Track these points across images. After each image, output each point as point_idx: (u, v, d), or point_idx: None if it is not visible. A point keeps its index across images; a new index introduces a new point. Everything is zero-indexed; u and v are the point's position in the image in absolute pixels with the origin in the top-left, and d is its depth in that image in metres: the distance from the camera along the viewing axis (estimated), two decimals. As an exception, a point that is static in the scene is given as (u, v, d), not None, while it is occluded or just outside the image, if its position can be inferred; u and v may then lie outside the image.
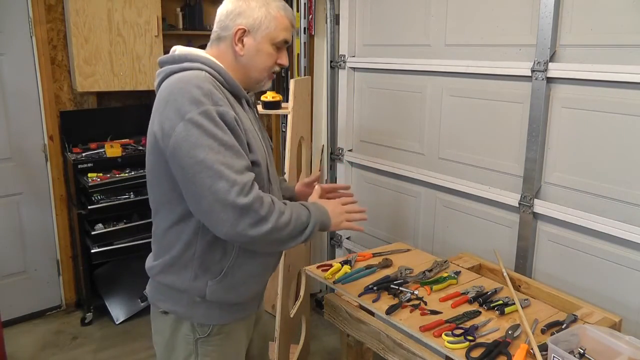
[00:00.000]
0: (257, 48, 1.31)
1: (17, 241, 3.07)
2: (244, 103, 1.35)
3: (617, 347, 1.36)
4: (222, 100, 1.20)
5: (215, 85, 1.22)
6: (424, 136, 2.51)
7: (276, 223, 1.19)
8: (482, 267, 2.03)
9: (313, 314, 3.04)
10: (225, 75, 1.28)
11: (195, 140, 1.14)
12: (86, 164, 2.94)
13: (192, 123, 1.15)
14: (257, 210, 1.16)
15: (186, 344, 1.35)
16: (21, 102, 2.96)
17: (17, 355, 2.79)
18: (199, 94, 1.17)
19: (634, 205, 1.74)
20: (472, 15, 2.20)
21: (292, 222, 1.24)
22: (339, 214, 1.41)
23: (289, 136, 2.26)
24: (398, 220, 2.73)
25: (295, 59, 3.08)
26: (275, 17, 1.31)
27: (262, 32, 1.31)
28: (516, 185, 2.08)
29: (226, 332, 1.38)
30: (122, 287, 3.21)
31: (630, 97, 1.71)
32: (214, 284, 1.30)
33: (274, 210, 1.20)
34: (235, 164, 1.16)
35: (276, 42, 1.33)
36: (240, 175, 1.16)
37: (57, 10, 3.02)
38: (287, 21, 1.34)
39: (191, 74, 1.22)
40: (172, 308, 1.34)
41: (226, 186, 1.13)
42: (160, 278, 1.34)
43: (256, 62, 1.33)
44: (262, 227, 1.17)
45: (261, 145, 1.34)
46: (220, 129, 1.17)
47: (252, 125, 1.33)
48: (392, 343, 1.60)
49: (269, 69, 1.36)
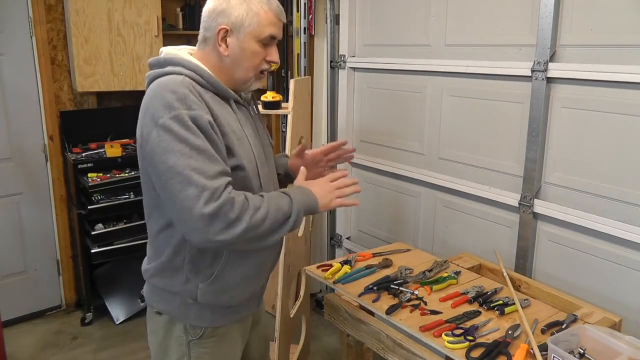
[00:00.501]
0: (241, 47, 1.26)
1: (17, 241, 3.06)
2: (232, 104, 1.31)
3: (617, 347, 1.36)
4: (197, 104, 1.17)
5: (193, 89, 1.19)
6: (424, 136, 2.50)
7: (250, 221, 1.15)
8: (482, 267, 2.03)
9: (313, 314, 3.04)
10: (207, 78, 1.25)
11: (167, 145, 1.13)
12: (86, 164, 2.94)
13: (164, 128, 1.13)
14: (226, 213, 1.12)
15: (179, 345, 1.34)
16: (21, 102, 2.96)
17: (17, 355, 2.79)
18: (173, 98, 1.15)
19: (634, 205, 1.74)
20: (472, 15, 2.20)
21: (269, 216, 1.19)
22: (327, 193, 1.32)
23: (289, 136, 2.26)
24: (398, 220, 2.73)
25: (295, 59, 3.08)
26: (257, 13, 1.25)
27: (245, 30, 1.25)
28: (516, 185, 2.08)
29: (220, 334, 1.36)
30: (122, 287, 3.21)
31: (630, 97, 1.71)
32: (204, 286, 1.29)
33: (247, 209, 1.15)
34: (207, 169, 1.13)
35: (261, 39, 1.27)
36: (211, 180, 1.12)
37: (57, 10, 3.02)
38: (271, 15, 1.27)
39: (169, 79, 1.21)
40: (165, 309, 1.34)
41: (195, 192, 1.11)
42: (154, 281, 1.35)
43: (241, 61, 1.28)
44: (235, 229, 1.13)
45: (249, 147, 1.30)
46: (193, 133, 1.14)
47: (240, 126, 1.30)
48: (392, 343, 1.60)
49: (256, 68, 1.30)
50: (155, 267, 1.33)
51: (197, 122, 1.15)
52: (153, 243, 1.34)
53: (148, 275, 1.36)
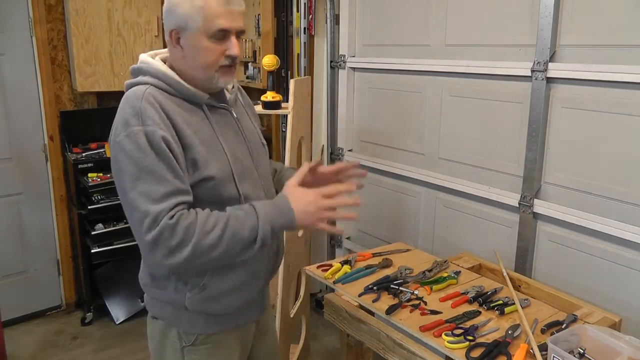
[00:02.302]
0: (193, 46, 1.19)
1: (17, 241, 3.07)
2: (205, 109, 1.25)
3: (617, 347, 1.36)
4: (153, 119, 1.13)
5: (154, 101, 1.16)
6: (424, 136, 2.50)
7: (196, 247, 1.10)
8: (482, 267, 2.03)
9: (313, 314, 3.04)
10: (174, 85, 1.21)
11: (120, 165, 1.14)
12: (86, 164, 2.95)
13: (119, 146, 1.14)
14: (166, 240, 1.09)
15: (174, 351, 1.33)
16: (21, 102, 2.97)
17: (17, 355, 2.79)
18: (130, 114, 1.14)
19: (634, 205, 1.74)
20: (472, 15, 2.20)
21: (224, 241, 1.12)
22: (311, 214, 1.21)
23: (289, 136, 2.26)
24: (398, 220, 2.73)
25: (295, 59, 3.08)
26: (201, 8, 1.16)
27: (192, 28, 1.17)
28: (516, 185, 2.08)
29: (214, 341, 1.34)
30: (122, 287, 3.21)
31: (630, 97, 1.71)
32: (192, 295, 1.26)
33: (192, 234, 1.10)
34: (153, 191, 1.10)
35: (212, 34, 1.18)
36: (155, 204, 1.09)
37: (57, 10, 3.02)
38: (217, 7, 1.16)
39: (133, 91, 1.19)
40: (160, 314, 1.34)
41: (138, 218, 1.10)
42: (147, 290, 1.35)
43: (197, 61, 1.21)
44: (180, 255, 1.10)
45: (222, 154, 1.24)
46: (142, 152, 1.11)
47: (213, 132, 1.24)
48: (392, 343, 1.60)
49: (215, 65, 1.21)
50: (146, 276, 1.33)
51: (150, 139, 1.12)
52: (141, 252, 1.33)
53: (142, 283, 1.36)
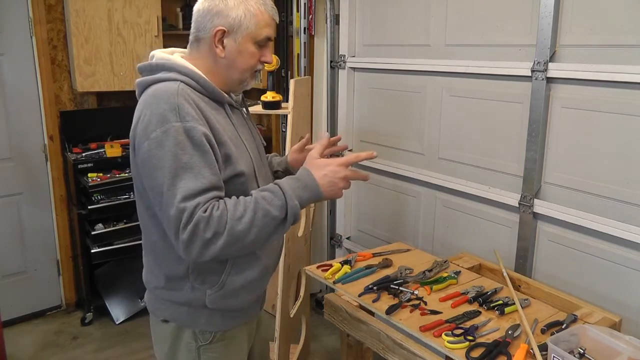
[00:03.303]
0: (239, 49, 1.24)
1: (17, 241, 3.06)
2: (227, 108, 1.29)
3: (617, 347, 1.36)
4: (192, 115, 1.14)
5: (188, 97, 1.17)
6: (424, 136, 2.50)
7: (230, 235, 1.11)
8: (482, 267, 2.03)
9: (313, 314, 3.04)
10: (203, 83, 1.23)
11: (156, 162, 1.12)
12: (86, 164, 2.95)
13: (155, 142, 1.12)
14: (201, 232, 1.09)
15: (188, 351, 1.33)
16: (21, 102, 2.96)
17: (17, 355, 2.79)
18: (166, 109, 1.13)
19: (634, 205, 1.74)
20: (472, 15, 2.20)
21: (255, 224, 1.13)
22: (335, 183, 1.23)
23: (289, 136, 2.26)
24: (398, 220, 2.73)
25: (295, 59, 3.08)
26: (255, 14, 1.23)
27: (242, 32, 1.23)
28: (516, 185, 2.08)
29: (229, 337, 1.36)
30: (122, 287, 3.21)
31: (630, 97, 1.71)
32: (212, 292, 1.27)
33: (225, 222, 1.10)
34: (191, 187, 1.10)
35: (259, 41, 1.25)
36: (190, 200, 1.09)
37: (57, 10, 3.02)
38: (268, 17, 1.25)
39: (163, 87, 1.18)
40: (172, 317, 1.32)
41: (175, 215, 1.10)
42: (159, 293, 1.33)
43: (238, 63, 1.26)
44: (215, 246, 1.10)
45: (246, 151, 1.28)
46: (181, 148, 1.11)
47: (236, 131, 1.28)
48: (392, 343, 1.60)
49: (252, 69, 1.28)
50: (158, 278, 1.31)
51: (190, 135, 1.12)
52: (151, 253, 1.32)
53: (152, 286, 1.34)
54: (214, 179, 1.14)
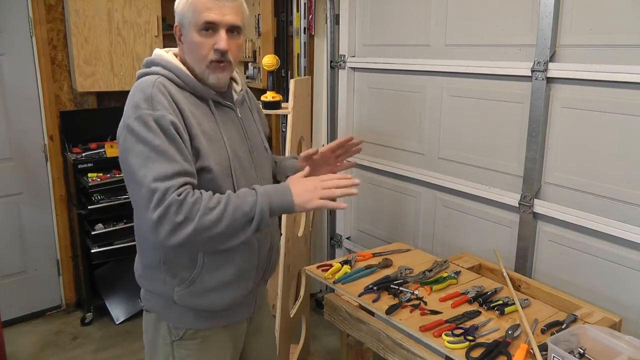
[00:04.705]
0: (188, 40, 1.26)
1: (17, 241, 3.06)
2: (211, 104, 1.29)
3: (617, 347, 1.36)
4: (163, 104, 1.17)
5: (164, 89, 1.20)
6: (424, 136, 2.51)
7: (200, 222, 1.12)
8: (482, 267, 2.03)
9: (313, 314, 3.04)
10: (184, 78, 1.26)
11: (129, 145, 1.17)
12: (86, 164, 2.94)
13: (129, 129, 1.17)
14: (172, 215, 1.11)
15: (164, 344, 1.34)
16: (21, 102, 2.96)
17: (17, 355, 2.79)
18: (141, 98, 1.18)
19: (634, 205, 1.74)
20: (472, 15, 2.20)
21: (226, 216, 1.14)
22: (308, 191, 1.21)
23: (289, 136, 2.26)
24: (398, 220, 2.73)
25: (295, 59, 3.08)
26: (192, 2, 1.23)
27: (187, 23, 1.25)
28: (516, 185, 2.08)
29: (203, 337, 1.34)
30: (122, 287, 3.21)
31: (630, 97, 1.71)
32: (181, 289, 1.27)
33: (197, 210, 1.12)
34: (162, 169, 1.13)
35: (200, 27, 1.23)
36: (162, 182, 1.12)
37: (57, 10, 3.02)
38: (205, 1, 1.22)
39: (144, 80, 1.23)
40: (151, 307, 1.36)
41: (146, 194, 1.12)
42: (140, 281, 1.37)
43: (191, 55, 1.27)
44: (184, 231, 1.12)
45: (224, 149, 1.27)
46: (153, 133, 1.15)
47: (217, 127, 1.28)
48: (392, 343, 1.60)
49: (204, 59, 1.25)
50: (139, 267, 1.36)
51: (159, 123, 1.16)
52: (138, 241, 1.36)
53: (137, 274, 1.38)
54: (185, 165, 1.17)
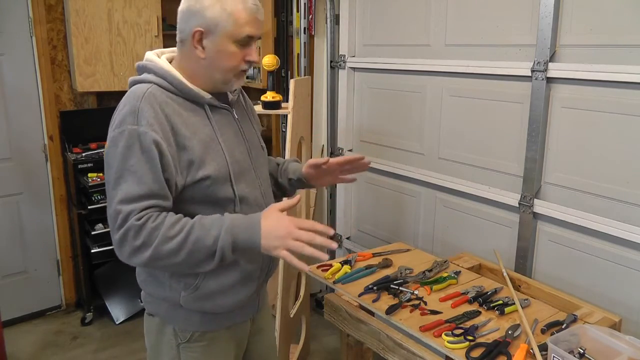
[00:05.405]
0: (218, 49, 1.22)
1: (17, 241, 3.07)
2: (206, 109, 1.28)
3: (617, 347, 1.36)
4: (147, 120, 1.15)
5: (154, 101, 1.18)
6: (424, 136, 2.50)
7: (156, 251, 1.12)
8: (482, 267, 2.03)
9: (313, 314, 3.04)
10: (177, 85, 1.23)
11: (109, 160, 1.18)
12: (86, 164, 2.94)
13: (112, 141, 1.18)
14: (131, 240, 1.12)
15: (169, 348, 1.33)
16: (21, 102, 2.96)
17: (17, 355, 2.79)
18: (127, 112, 1.18)
19: (634, 205, 1.74)
20: (472, 15, 2.20)
21: (186, 248, 1.13)
22: (278, 237, 1.16)
23: (289, 136, 2.26)
24: (398, 220, 2.73)
25: (295, 59, 3.08)
26: (231, 13, 1.19)
27: (220, 32, 1.20)
28: (516, 185, 2.08)
29: (209, 339, 1.34)
30: (122, 287, 3.21)
31: (630, 97, 1.71)
32: (186, 294, 1.27)
33: (155, 238, 1.12)
34: (130, 191, 1.14)
35: (238, 40, 1.22)
36: (127, 204, 1.13)
37: (57, 10, 3.02)
38: (246, 14, 1.21)
39: (135, 89, 1.22)
40: (156, 311, 1.35)
41: (112, 214, 1.15)
42: (144, 286, 1.36)
43: (219, 63, 1.24)
44: (143, 255, 1.13)
45: (221, 154, 1.26)
46: (130, 150, 1.15)
47: (214, 132, 1.26)
48: (392, 343, 1.60)
49: (235, 69, 1.25)
50: (142, 272, 1.35)
51: (140, 139, 1.15)
52: None
53: (140, 280, 1.37)
54: (154, 187, 1.16)
